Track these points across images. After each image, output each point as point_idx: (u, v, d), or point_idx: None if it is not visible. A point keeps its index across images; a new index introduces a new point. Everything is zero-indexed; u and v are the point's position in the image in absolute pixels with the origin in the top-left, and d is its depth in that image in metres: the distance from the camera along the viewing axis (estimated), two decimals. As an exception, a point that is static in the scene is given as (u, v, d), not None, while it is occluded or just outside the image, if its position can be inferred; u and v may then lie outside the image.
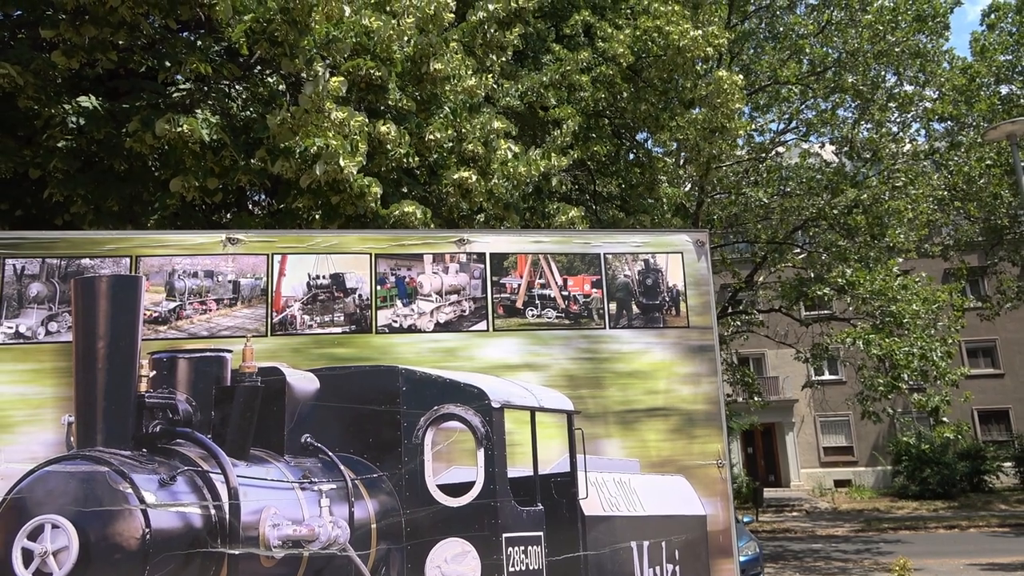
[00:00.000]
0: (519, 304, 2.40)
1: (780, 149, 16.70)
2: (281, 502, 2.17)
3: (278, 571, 2.13)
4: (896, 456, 22.03)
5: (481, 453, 2.27)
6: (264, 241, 2.32)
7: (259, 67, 9.01)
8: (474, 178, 9.34)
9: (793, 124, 16.90)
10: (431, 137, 9.24)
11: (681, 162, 16.40)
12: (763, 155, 16.76)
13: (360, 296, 2.32)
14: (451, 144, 9.59)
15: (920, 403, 12.25)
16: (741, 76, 12.27)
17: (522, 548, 2.24)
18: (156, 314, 2.21)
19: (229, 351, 2.23)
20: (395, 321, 2.32)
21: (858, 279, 13.63)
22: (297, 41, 8.13)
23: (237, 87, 8.73)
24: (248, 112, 8.25)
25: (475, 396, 2.29)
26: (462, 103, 10.10)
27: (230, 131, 7.68)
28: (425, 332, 2.33)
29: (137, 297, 2.20)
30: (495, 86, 10.73)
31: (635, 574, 2.28)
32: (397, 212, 8.41)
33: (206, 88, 8.50)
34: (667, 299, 2.45)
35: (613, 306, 2.44)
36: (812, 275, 14.94)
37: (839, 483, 22.88)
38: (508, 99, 11.73)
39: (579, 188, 15.47)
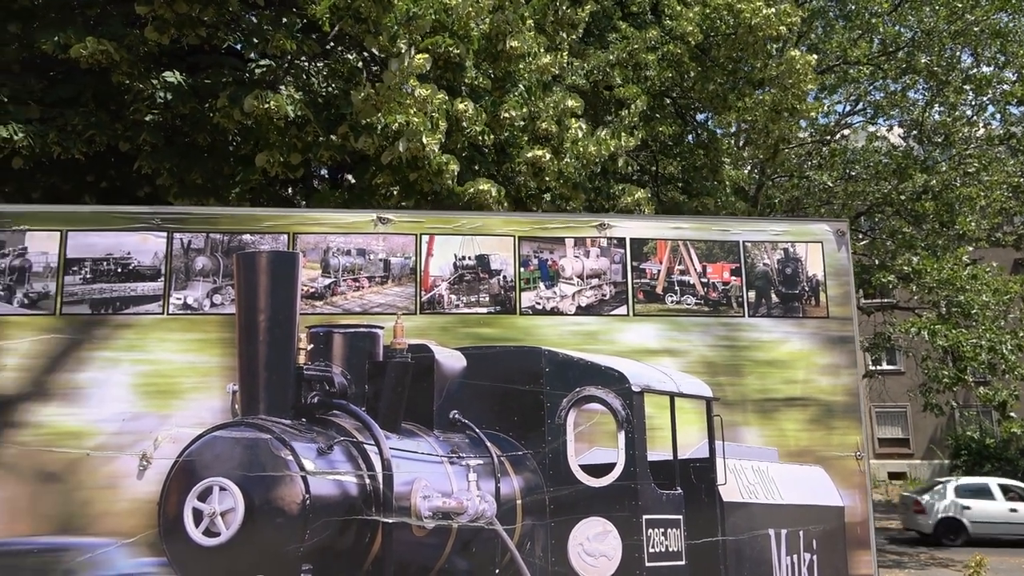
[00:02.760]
0: (659, 290, 2.41)
1: (846, 132, 16.27)
2: (431, 475, 2.24)
3: (429, 540, 2.21)
4: (955, 450, 21.52)
5: (622, 435, 2.31)
6: (412, 222, 2.37)
7: (336, 44, 9.09)
8: (548, 156, 9.33)
9: (860, 106, 16.42)
10: (506, 115, 9.24)
11: (740, 143, 16.09)
12: (827, 137, 16.35)
13: (504, 277, 2.36)
14: (523, 122, 9.58)
15: (986, 397, 11.95)
16: (814, 56, 11.93)
17: (662, 530, 2.28)
18: (313, 290, 2.29)
19: (381, 327, 2.30)
20: (538, 303, 2.36)
21: (925, 267, 13.27)
22: (380, 18, 8.19)
23: (316, 64, 8.84)
24: (329, 88, 8.35)
25: (616, 379, 2.33)
26: (536, 81, 10.06)
27: (312, 107, 7.80)
28: (567, 315, 2.37)
29: (295, 273, 2.28)
30: (564, 65, 10.65)
31: (772, 561, 2.31)
32: (472, 190, 8.47)
33: (286, 65, 8.61)
34: (806, 289, 2.44)
35: (752, 294, 2.45)
36: (876, 262, 14.59)
37: (893, 475, 22.49)
38: (574, 77, 11.62)
39: (640, 169, 15.31)
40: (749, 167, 16.16)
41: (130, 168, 8.41)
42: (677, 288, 2.42)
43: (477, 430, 2.29)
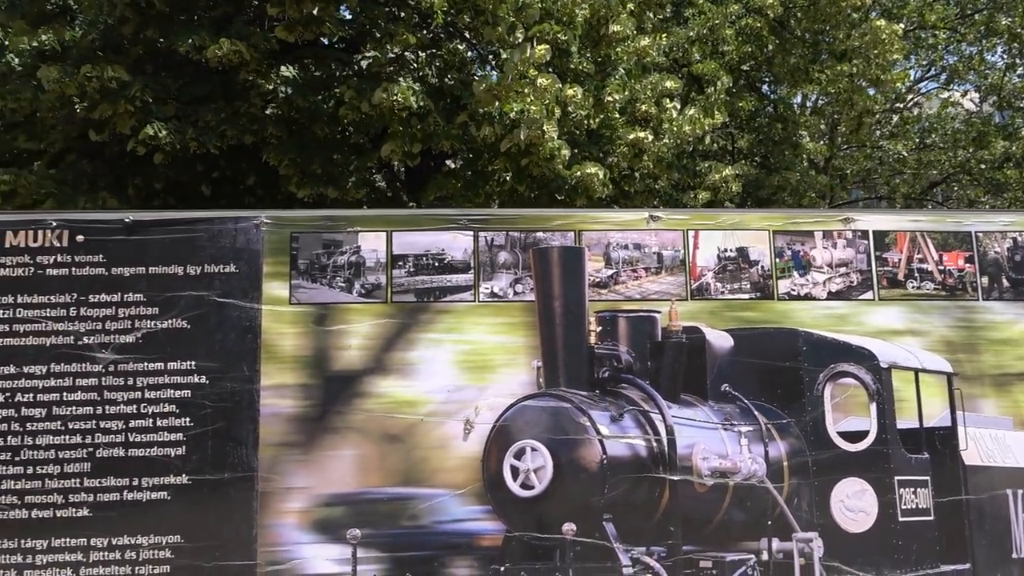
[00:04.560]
0: (900, 276, 2.69)
1: (920, 99, 15.89)
2: (708, 439, 2.59)
3: (709, 496, 2.56)
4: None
5: (873, 406, 2.61)
6: (680, 219, 2.70)
7: (444, 35, 9.42)
8: (650, 138, 9.53)
9: (932, 71, 15.99)
10: (609, 99, 9.45)
11: (808, 113, 15.83)
12: (899, 105, 15.96)
13: (762, 267, 2.67)
14: (622, 105, 9.78)
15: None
16: (900, 25, 11.74)
17: (912, 490, 2.59)
18: (598, 279, 2.64)
19: (658, 312, 2.64)
20: (793, 289, 2.67)
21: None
22: (496, 8, 8.48)
23: (427, 54, 9.18)
24: (446, 79, 8.70)
25: (866, 357, 2.63)
26: (635, 64, 10.23)
27: (430, 97, 8.16)
28: (819, 300, 2.67)
29: (582, 265, 2.64)
30: (662, 47, 10.75)
31: (1010, 518, 2.59)
32: (579, 173, 8.75)
33: (397, 57, 8.98)
34: (1036, 274, 2.68)
35: (985, 280, 2.70)
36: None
37: None
38: (654, 54, 11.69)
39: (718, 146, 15.28)
40: (821, 140, 15.95)
41: (238, 159, 8.95)
42: (917, 275, 2.70)
43: (746, 401, 2.63)
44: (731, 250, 2.68)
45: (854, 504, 2.57)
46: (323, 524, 2.50)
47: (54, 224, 2.60)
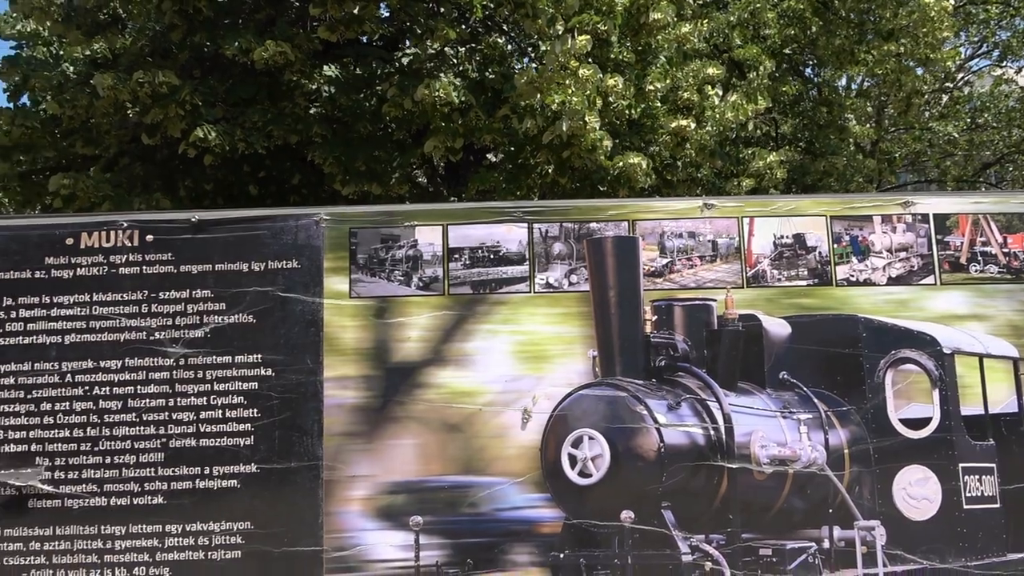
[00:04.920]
0: (963, 260, 2.65)
1: (971, 77, 15.39)
2: (766, 427, 2.58)
3: (768, 484, 2.56)
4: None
5: (936, 393, 2.58)
6: (734, 206, 2.69)
7: (484, 29, 9.45)
8: (692, 126, 9.43)
9: (984, 48, 15.45)
10: (651, 87, 9.37)
11: (854, 95, 15.47)
12: (949, 85, 15.48)
13: (820, 253, 2.65)
14: (664, 93, 9.70)
15: None
16: (950, 1, 11.38)
17: (977, 477, 2.55)
18: (652, 268, 2.65)
19: (714, 300, 2.64)
20: (852, 275, 2.64)
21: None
22: (536, 1, 8.47)
23: (467, 49, 9.23)
24: (487, 73, 8.73)
25: (928, 343, 2.59)
26: (676, 51, 10.12)
27: (472, 92, 8.20)
28: (879, 285, 2.64)
29: (637, 254, 2.65)
30: (703, 33, 10.63)
31: (1083, 504, 2.54)
32: (621, 164, 8.71)
33: (437, 53, 9.04)
34: (1105, 256, 2.61)
35: (1051, 262, 2.64)
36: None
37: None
38: (695, 42, 11.54)
39: (761, 132, 15.05)
40: (868, 123, 15.57)
41: (283, 159, 9.10)
42: (980, 258, 2.64)
43: (805, 388, 2.61)
44: (787, 237, 2.66)
45: (917, 492, 2.54)
46: (386, 511, 2.56)
47: (125, 225, 2.71)
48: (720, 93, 9.39)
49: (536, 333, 2.62)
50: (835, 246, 2.65)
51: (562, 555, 2.53)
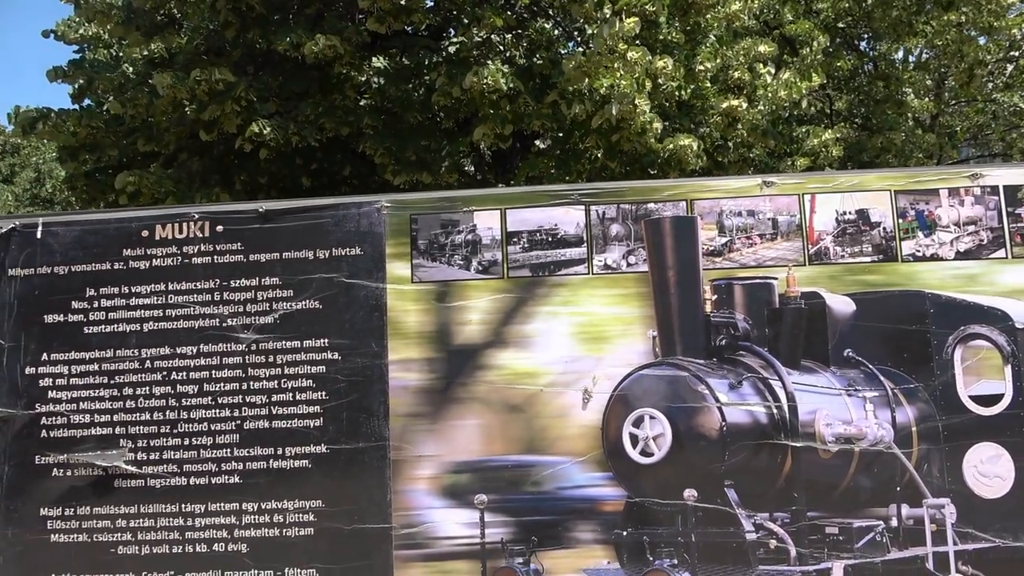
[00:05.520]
0: (1036, 232, 2.57)
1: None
2: (831, 405, 2.56)
3: (833, 462, 2.54)
4: None
5: (1008, 369, 2.52)
6: (795, 183, 2.66)
7: (531, 15, 9.42)
8: (744, 105, 9.25)
9: None
10: (701, 68, 9.22)
11: (912, 68, 14.93)
12: (1014, 54, 14.80)
13: (884, 229, 2.61)
14: (714, 73, 9.53)
15: None
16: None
17: (1053, 454, 2.48)
18: (711, 248, 2.64)
19: (775, 278, 2.62)
20: (918, 250, 2.59)
21: None
22: (583, -15, 8.38)
23: (514, 35, 9.22)
24: (534, 59, 8.71)
25: (999, 318, 2.53)
26: (726, 30, 9.93)
27: (520, 79, 8.20)
28: (946, 260, 2.58)
29: (695, 234, 2.64)
30: (754, 10, 10.40)
31: None
32: (671, 146, 8.60)
33: (487, 41, 9.06)
34: None
35: None
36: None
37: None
38: (745, 19, 11.31)
39: (816, 109, 14.67)
40: (927, 96, 15.03)
41: (334, 151, 9.24)
42: (1054, 230, 2.56)
43: (870, 366, 2.58)
44: (850, 212, 2.62)
45: (988, 469, 2.49)
46: (452, 490, 2.63)
47: (197, 216, 2.82)
48: (772, 71, 9.19)
49: (595, 314, 2.65)
50: (900, 221, 2.60)
51: (625, 533, 2.56)
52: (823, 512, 2.53)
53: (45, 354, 2.81)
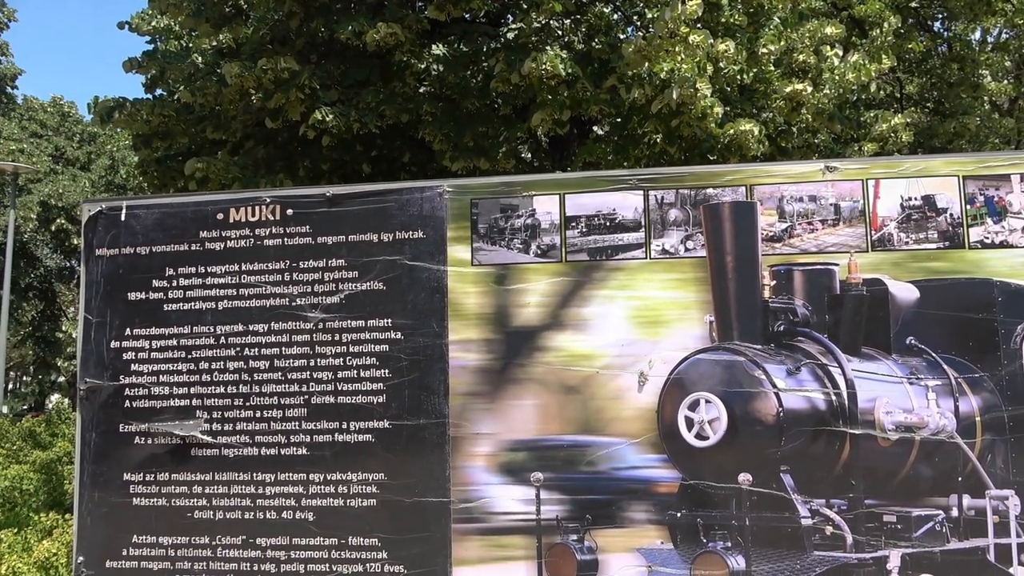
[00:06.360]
0: (1114, 220, 2.48)
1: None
2: (891, 393, 2.53)
3: (893, 450, 2.52)
4: None
5: (1082, 359, 2.45)
6: (858, 168, 2.63)
7: (590, 0, 9.35)
8: (809, 89, 9.02)
9: None
10: (764, 51, 9.02)
11: (989, 49, 14.26)
12: None
13: (951, 215, 2.55)
14: (778, 56, 9.31)
15: None
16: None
17: None
18: (771, 233, 2.63)
19: (836, 264, 2.60)
20: (986, 237, 2.53)
21: None
22: (643, -32, 8.28)
23: (572, 20, 9.18)
24: (593, 44, 8.67)
25: (1072, 307, 2.46)
26: (791, 11, 9.68)
27: (578, 64, 8.17)
28: (1017, 247, 2.52)
29: (754, 219, 2.64)
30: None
31: None
32: (732, 131, 8.46)
33: (545, 26, 9.04)
34: None
35: None
36: None
37: None
38: (811, 0, 10.99)
39: (885, 93, 14.17)
40: (1005, 79, 14.35)
41: (393, 138, 9.36)
42: None
43: (934, 354, 2.54)
44: (916, 198, 2.57)
45: (1058, 462, 2.43)
46: (508, 467, 2.71)
47: (268, 200, 2.95)
48: (840, 53, 8.93)
49: (652, 298, 2.67)
50: (968, 207, 2.54)
51: (679, 514, 2.59)
52: (881, 500, 2.51)
53: (128, 329, 2.99)
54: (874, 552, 2.47)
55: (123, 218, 3.04)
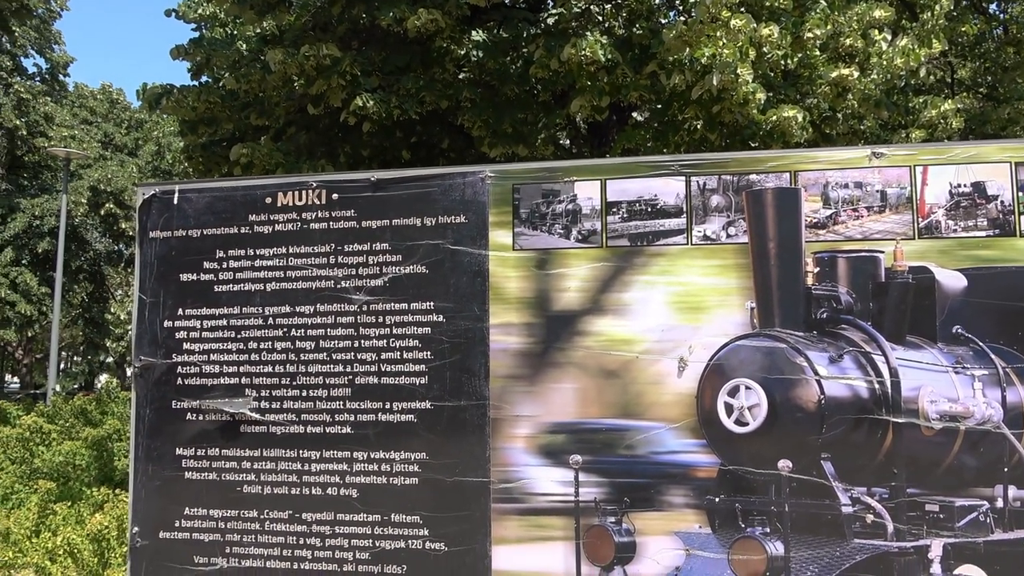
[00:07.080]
0: None
1: None
2: (936, 382, 2.51)
3: (937, 439, 2.49)
4: None
5: None
6: (906, 155, 2.58)
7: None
8: (855, 74, 8.81)
9: None
10: (809, 35, 8.84)
11: None
12: None
13: (1002, 202, 2.50)
14: (824, 41, 9.10)
15: None
16: None
17: None
18: (815, 220, 2.61)
19: (881, 252, 2.57)
20: (1039, 225, 2.48)
21: None
22: (684, -50, 8.17)
23: (612, 5, 9.10)
24: (633, 29, 8.59)
25: None
26: (837, -6, 9.42)
27: (618, 50, 8.10)
28: (1073, 236, 2.46)
29: (798, 206, 2.62)
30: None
31: None
32: (775, 117, 8.31)
33: (585, 12, 8.98)
34: None
35: None
36: None
37: None
38: None
39: (935, 78, 13.77)
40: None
41: (432, 124, 9.40)
42: None
43: (981, 343, 2.50)
44: (965, 185, 2.53)
45: (1109, 455, 2.38)
46: (548, 449, 2.75)
47: (315, 185, 3.02)
48: (888, 37, 8.70)
49: (693, 284, 2.68)
50: (1020, 195, 2.49)
51: (717, 499, 2.60)
52: (924, 489, 2.50)
53: (180, 309, 3.10)
54: (915, 541, 2.46)
55: (175, 202, 3.14)
